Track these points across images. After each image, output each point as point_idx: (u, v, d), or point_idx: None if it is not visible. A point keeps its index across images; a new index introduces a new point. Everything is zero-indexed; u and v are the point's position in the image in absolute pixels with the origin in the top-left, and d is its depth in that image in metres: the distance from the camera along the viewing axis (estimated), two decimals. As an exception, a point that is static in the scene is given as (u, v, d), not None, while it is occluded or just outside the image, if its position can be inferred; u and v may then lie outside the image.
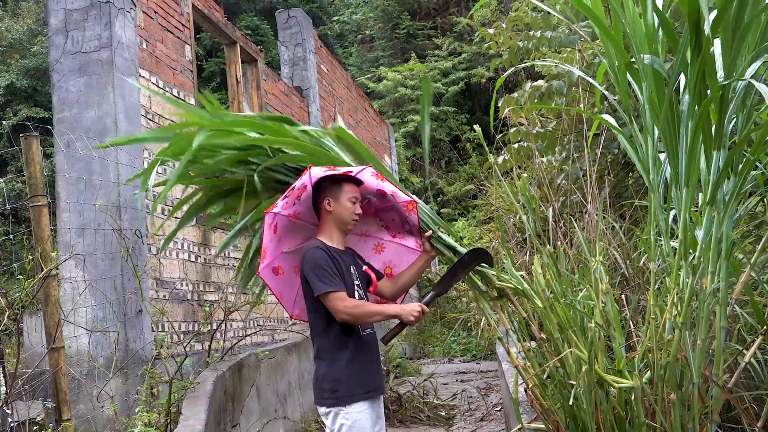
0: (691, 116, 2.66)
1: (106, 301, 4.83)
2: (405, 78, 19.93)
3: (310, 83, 9.59)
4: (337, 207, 3.08)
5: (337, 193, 3.09)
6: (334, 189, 3.10)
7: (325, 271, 2.92)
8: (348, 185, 3.11)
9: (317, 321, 3.01)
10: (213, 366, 5.16)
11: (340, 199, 3.08)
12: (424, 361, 11.99)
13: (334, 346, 2.96)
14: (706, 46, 2.42)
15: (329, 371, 2.94)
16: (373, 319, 2.95)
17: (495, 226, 9.68)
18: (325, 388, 2.94)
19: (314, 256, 2.97)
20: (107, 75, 5.11)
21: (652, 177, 2.89)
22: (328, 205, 3.09)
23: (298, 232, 3.23)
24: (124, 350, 4.83)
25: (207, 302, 5.91)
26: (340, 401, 2.91)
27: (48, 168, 10.15)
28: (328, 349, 2.97)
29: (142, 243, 5.11)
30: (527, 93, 6.03)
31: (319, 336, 3.01)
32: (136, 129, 5.25)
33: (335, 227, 3.11)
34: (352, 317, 2.89)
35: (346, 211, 3.09)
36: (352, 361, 2.95)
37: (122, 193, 4.99)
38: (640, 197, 4.85)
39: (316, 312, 3.00)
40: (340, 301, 2.89)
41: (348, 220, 3.10)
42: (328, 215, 3.11)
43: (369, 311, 2.92)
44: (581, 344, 2.80)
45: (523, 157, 6.49)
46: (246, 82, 7.76)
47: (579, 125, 5.64)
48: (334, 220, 3.10)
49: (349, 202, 3.09)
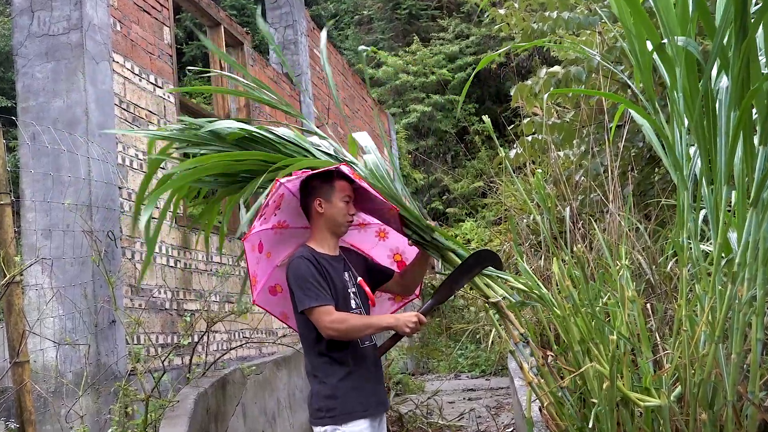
0: (732, 107, 2.65)
1: (75, 310, 4.82)
2: (407, 64, 19.93)
3: (302, 69, 9.59)
4: (329, 208, 3.06)
5: (328, 193, 3.07)
6: (324, 188, 3.07)
7: (310, 284, 2.90)
8: (340, 182, 3.08)
9: (308, 335, 3.00)
10: (194, 382, 5.16)
11: (332, 199, 3.06)
12: (428, 377, 12.00)
13: (327, 361, 2.96)
14: (753, 29, 2.42)
15: (323, 388, 2.94)
16: (363, 333, 2.94)
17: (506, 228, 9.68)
18: (320, 407, 2.93)
19: (298, 268, 2.95)
20: (77, 60, 5.11)
21: (681, 173, 2.89)
22: (319, 206, 3.07)
23: (288, 240, 3.21)
24: (95, 365, 4.83)
25: (187, 312, 5.91)
26: (336, 419, 2.90)
27: (11, 163, 10.15)
28: (321, 364, 2.96)
29: (116, 246, 5.10)
30: (542, 80, 6.03)
31: (311, 350, 3.00)
32: (109, 120, 5.25)
33: (327, 231, 3.09)
34: (340, 333, 2.88)
35: (339, 212, 3.07)
36: (349, 377, 2.95)
37: (94, 190, 4.98)
38: (668, 195, 4.85)
39: (306, 325, 2.99)
40: (326, 316, 2.86)
41: (341, 222, 3.09)
42: (320, 218, 3.09)
43: (357, 325, 2.90)
44: (603, 358, 2.80)
45: (537, 151, 6.49)
46: (231, 68, 7.75)
47: (599, 116, 5.64)
48: (326, 223, 3.09)
49: (341, 201, 3.07)
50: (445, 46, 20.56)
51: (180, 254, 5.98)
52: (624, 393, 2.71)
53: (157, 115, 5.91)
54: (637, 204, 5.21)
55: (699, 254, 2.88)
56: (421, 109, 18.93)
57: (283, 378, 6.72)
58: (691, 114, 2.69)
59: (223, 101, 7.47)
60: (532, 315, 5.66)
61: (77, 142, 4.96)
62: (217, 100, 7.50)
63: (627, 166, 5.41)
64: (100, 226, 4.97)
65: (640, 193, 5.63)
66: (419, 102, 19.39)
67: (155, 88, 5.96)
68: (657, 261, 4.12)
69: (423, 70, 19.84)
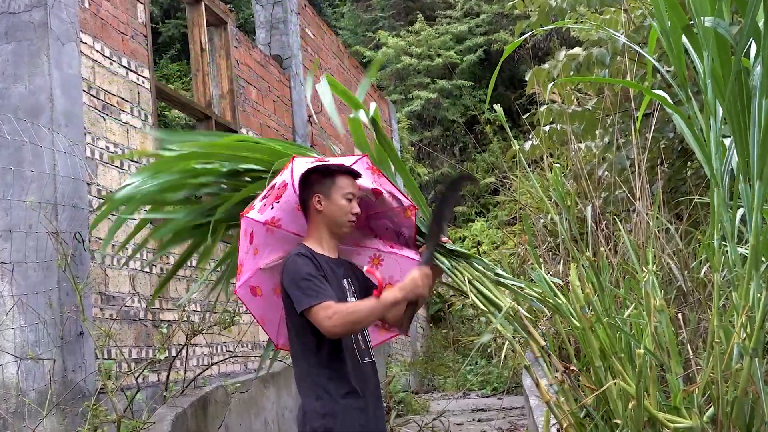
0: (765, 93, 2.66)
1: (39, 321, 4.83)
2: (410, 45, 19.94)
3: (292, 51, 9.59)
4: (328, 206, 3.06)
5: (328, 189, 3.07)
6: (325, 183, 3.07)
7: (310, 282, 2.90)
8: (343, 178, 3.08)
9: (304, 345, 3.00)
10: (171, 401, 5.17)
11: (332, 196, 3.06)
12: (434, 396, 12.01)
13: (327, 375, 2.95)
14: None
15: (320, 405, 2.93)
16: (372, 318, 2.92)
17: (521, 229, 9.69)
18: (315, 426, 2.93)
19: (296, 265, 2.96)
20: (41, 41, 5.12)
21: (716, 167, 2.90)
22: (318, 203, 3.07)
23: (277, 244, 3.20)
24: (61, 382, 4.83)
25: (164, 323, 5.92)
26: None
27: (-33, 156, 10.15)
28: (320, 378, 2.96)
29: (84, 249, 5.11)
30: (561, 63, 6.03)
31: (309, 361, 2.99)
32: (77, 107, 5.26)
33: (326, 230, 3.10)
34: (345, 325, 2.84)
35: (339, 210, 3.06)
36: (349, 395, 2.95)
37: (60, 187, 4.99)
38: (701, 192, 4.86)
39: (302, 334, 2.99)
40: (327, 311, 2.84)
41: (342, 222, 3.08)
42: (318, 216, 3.09)
43: (362, 310, 2.87)
44: (628, 374, 2.81)
45: (555, 143, 6.49)
46: (213, 49, 7.76)
47: (625, 103, 5.65)
48: (324, 222, 3.09)
49: (343, 199, 3.07)
50: (453, 25, 20.56)
51: (156, 258, 5.98)
52: (651, 413, 2.72)
53: (130, 103, 5.92)
54: (667, 202, 5.21)
55: (736, 258, 2.89)
56: (425, 96, 18.94)
57: (271, 397, 6.73)
58: (723, 102, 2.70)
59: (203, 87, 7.48)
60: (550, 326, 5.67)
61: (41, 133, 4.97)
62: (198, 87, 7.51)
63: (656, 159, 5.42)
64: (66, 227, 4.98)
65: (671, 189, 5.63)
66: (423, 88, 19.40)
67: (128, 72, 5.97)
68: (689, 266, 4.12)
69: (428, 52, 19.84)
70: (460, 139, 19.82)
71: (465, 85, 19.38)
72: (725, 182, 2.90)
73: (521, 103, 15.08)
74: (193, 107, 7.12)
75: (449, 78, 19.28)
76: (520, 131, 14.94)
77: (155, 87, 6.37)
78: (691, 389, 2.84)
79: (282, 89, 9.21)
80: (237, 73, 7.92)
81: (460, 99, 19.60)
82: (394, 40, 19.98)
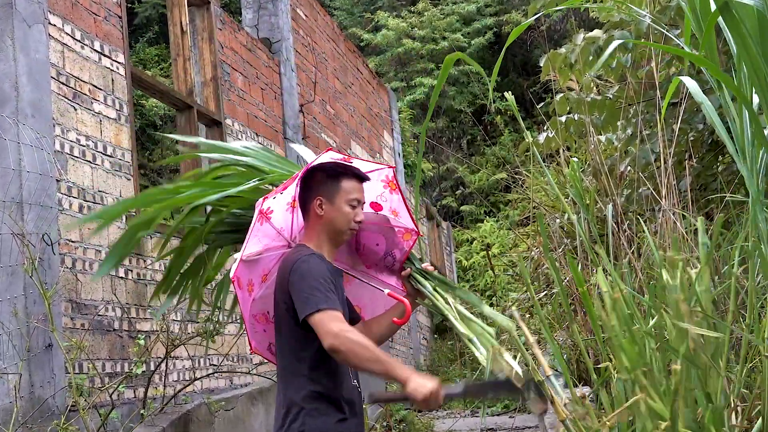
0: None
1: (3, 331, 4.83)
2: (412, 27, 19.94)
3: (282, 34, 9.59)
4: (330, 211, 3.10)
5: (332, 192, 3.10)
6: (328, 186, 3.10)
7: (321, 283, 2.92)
8: (349, 182, 3.12)
9: (300, 356, 3.00)
10: (150, 420, 5.17)
11: (335, 201, 3.09)
12: (438, 415, 12.00)
13: (320, 394, 2.98)
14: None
15: (312, 423, 2.95)
16: (367, 366, 2.88)
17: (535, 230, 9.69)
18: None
19: (308, 264, 2.98)
20: (4, 22, 5.11)
21: (750, 162, 2.90)
22: (319, 206, 3.10)
23: (260, 236, 3.25)
24: (27, 399, 4.83)
25: (142, 333, 5.92)
26: None
27: (-77, 150, 10.15)
28: (309, 397, 2.97)
29: (53, 252, 5.11)
30: (579, 47, 6.03)
31: (298, 378, 3.01)
32: (45, 96, 5.26)
33: (325, 236, 3.12)
34: (344, 347, 2.83)
35: (342, 217, 3.10)
36: (343, 423, 2.97)
37: (26, 184, 4.99)
38: (733, 190, 4.86)
39: (298, 348, 3.00)
40: (337, 322, 2.85)
41: (343, 229, 3.12)
42: (317, 220, 3.12)
43: (369, 349, 2.85)
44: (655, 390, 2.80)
45: (573, 135, 6.49)
46: (194, 32, 7.76)
47: (650, 91, 5.64)
48: (324, 228, 3.12)
49: (347, 205, 3.10)
50: (460, 4, 20.57)
51: (132, 262, 5.99)
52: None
53: (103, 91, 5.92)
54: (696, 200, 5.22)
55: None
56: (429, 83, 18.95)
57: (260, 415, 6.73)
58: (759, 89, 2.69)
59: (184, 74, 7.48)
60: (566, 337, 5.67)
61: (5, 125, 4.97)
62: (178, 73, 7.51)
63: (683, 153, 5.42)
64: (33, 228, 4.98)
65: (700, 186, 5.63)
66: (427, 74, 19.41)
67: (101, 57, 5.97)
68: (720, 270, 4.12)
69: (432, 34, 19.85)
70: (467, 130, 19.84)
71: (473, 72, 19.37)
72: (762, 178, 2.90)
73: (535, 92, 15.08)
74: (173, 96, 7.12)
75: (456, 64, 19.27)
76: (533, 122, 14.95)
77: (131, 73, 6.36)
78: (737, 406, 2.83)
79: (271, 76, 9.21)
80: (221, 58, 7.92)
81: (467, 87, 19.60)
82: (394, 21, 19.99)
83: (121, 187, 5.94)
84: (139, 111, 12.23)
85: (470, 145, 20.12)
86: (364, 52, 19.88)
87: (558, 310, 6.08)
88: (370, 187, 3.23)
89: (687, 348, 2.89)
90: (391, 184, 3.29)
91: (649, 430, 2.81)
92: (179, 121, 7.33)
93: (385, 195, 3.30)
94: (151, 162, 13.52)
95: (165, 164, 12.35)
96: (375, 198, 3.30)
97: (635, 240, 4.76)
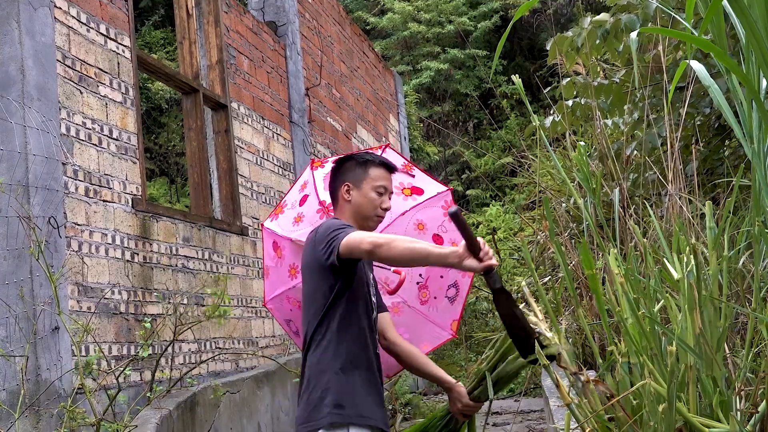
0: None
1: (10, 314, 4.84)
2: (418, 10, 19.87)
3: (288, 17, 9.57)
4: (357, 196, 3.18)
5: (359, 179, 3.18)
6: (356, 172, 3.20)
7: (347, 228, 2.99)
8: (376, 170, 3.20)
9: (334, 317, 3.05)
10: (156, 403, 5.18)
11: (362, 187, 3.18)
12: (443, 398, 12.02)
13: (346, 358, 3.04)
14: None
15: (336, 385, 3.00)
16: (415, 254, 2.81)
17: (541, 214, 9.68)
18: (325, 403, 3.00)
19: (335, 220, 3.11)
20: (10, 5, 5.11)
21: (757, 146, 2.89)
22: (346, 192, 3.19)
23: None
24: (34, 381, 4.85)
25: (148, 317, 5.94)
26: (350, 418, 2.98)
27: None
28: (335, 358, 3.03)
29: (59, 235, 5.12)
30: (586, 31, 6.00)
31: (325, 341, 3.06)
32: (50, 79, 5.25)
33: (353, 222, 3.19)
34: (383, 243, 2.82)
35: (368, 203, 3.17)
36: (366, 383, 3.04)
37: (32, 167, 5.00)
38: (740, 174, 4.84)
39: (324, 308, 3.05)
40: (362, 234, 2.92)
41: (370, 215, 3.19)
42: (345, 206, 3.21)
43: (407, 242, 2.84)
44: (659, 373, 2.81)
45: (579, 119, 6.47)
46: (200, 15, 7.74)
47: (656, 75, 5.62)
48: (351, 213, 3.20)
49: (374, 191, 3.17)
50: (466, -13, 20.47)
51: (138, 245, 6.00)
52: (685, 416, 2.72)
53: (108, 74, 5.91)
54: (702, 184, 5.20)
55: (779, 246, 2.88)
56: (435, 67, 18.88)
57: (265, 398, 6.75)
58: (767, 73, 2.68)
59: (190, 57, 7.47)
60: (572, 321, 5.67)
61: (11, 108, 4.97)
62: (184, 56, 7.50)
63: (690, 137, 5.40)
64: (39, 211, 4.99)
65: (707, 170, 5.62)
66: (433, 58, 19.34)
67: (107, 41, 5.96)
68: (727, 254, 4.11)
69: (438, 18, 19.77)
70: (473, 114, 19.78)
71: (479, 55, 19.32)
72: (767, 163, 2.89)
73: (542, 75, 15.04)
74: (178, 79, 7.11)
75: (462, 47, 19.21)
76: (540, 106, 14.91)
77: (137, 57, 6.36)
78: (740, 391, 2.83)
79: (277, 59, 9.19)
80: (227, 42, 7.90)
81: (473, 70, 19.53)
82: (400, 4, 19.90)
83: (127, 171, 5.94)
84: (144, 94, 12.23)
85: (476, 129, 20.08)
86: (370, 35, 19.81)
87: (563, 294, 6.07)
88: (430, 216, 3.39)
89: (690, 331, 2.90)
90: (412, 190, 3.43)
91: (656, 411, 2.82)
92: (185, 104, 7.33)
93: (445, 225, 3.39)
94: (157, 146, 13.53)
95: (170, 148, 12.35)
96: (436, 229, 3.40)
97: (642, 224, 4.75)
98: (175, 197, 13.92)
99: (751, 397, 2.82)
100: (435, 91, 19.44)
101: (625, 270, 3.10)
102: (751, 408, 2.82)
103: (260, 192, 8.27)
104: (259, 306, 7.74)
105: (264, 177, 8.42)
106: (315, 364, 3.08)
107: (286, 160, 9.09)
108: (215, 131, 7.67)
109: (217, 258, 7.11)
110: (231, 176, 7.60)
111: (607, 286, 3.24)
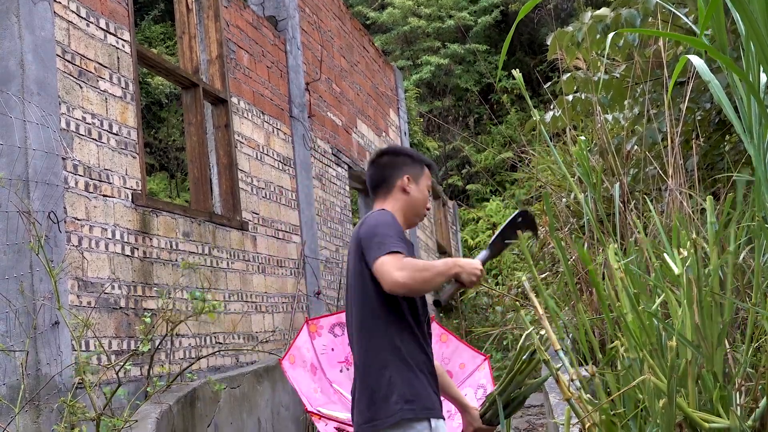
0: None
1: (9, 309, 4.85)
2: (418, 5, 19.85)
3: (288, 12, 9.56)
4: (416, 191, 3.27)
5: (418, 174, 3.29)
6: (415, 168, 3.30)
7: (396, 232, 3.01)
8: (427, 170, 3.34)
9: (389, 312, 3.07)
10: (155, 398, 5.19)
11: (420, 182, 3.28)
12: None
13: (409, 351, 3.07)
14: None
15: (403, 380, 3.03)
16: (435, 281, 2.96)
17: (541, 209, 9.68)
18: (392, 400, 3.01)
19: (384, 217, 3.09)
20: (10, 0, 5.10)
21: (757, 141, 2.89)
22: (408, 182, 3.25)
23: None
24: (34, 376, 4.86)
25: (148, 311, 5.94)
26: (427, 412, 3.02)
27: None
28: (411, 349, 3.07)
29: (59, 230, 5.12)
30: (586, 26, 6.00)
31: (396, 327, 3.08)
32: (50, 74, 5.25)
33: (402, 216, 3.25)
34: (414, 280, 2.89)
35: (423, 198, 3.28)
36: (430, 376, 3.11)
37: (32, 161, 4.99)
38: (740, 169, 4.85)
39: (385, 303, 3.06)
40: (399, 260, 2.91)
41: (420, 211, 3.30)
42: (402, 197, 3.26)
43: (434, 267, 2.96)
44: (659, 369, 2.81)
45: (579, 114, 6.47)
46: (200, 9, 7.74)
47: (657, 70, 5.62)
48: (406, 206, 3.26)
49: (427, 189, 3.31)
50: (466, -17, 20.45)
51: (138, 240, 6.00)
52: (685, 411, 2.72)
53: (108, 69, 5.91)
54: (702, 179, 5.20)
55: (779, 241, 2.88)
56: (435, 62, 18.88)
57: (265, 393, 6.76)
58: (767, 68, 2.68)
59: (190, 52, 7.46)
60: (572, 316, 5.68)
61: (10, 102, 4.96)
62: (183, 51, 7.50)
63: (691, 132, 5.40)
64: (39, 206, 4.99)
65: (707, 165, 5.62)
66: (433, 53, 19.34)
67: (106, 35, 5.96)
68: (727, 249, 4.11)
69: (438, 12, 19.76)
70: (474, 109, 19.78)
71: (480, 50, 19.31)
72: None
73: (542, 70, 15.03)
74: (178, 74, 7.10)
75: (462, 42, 19.20)
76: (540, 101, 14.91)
77: (136, 51, 6.35)
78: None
79: (277, 54, 9.18)
80: (227, 36, 7.89)
81: (474, 65, 19.53)
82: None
83: (126, 165, 5.94)
84: (144, 89, 12.22)
85: (477, 124, 20.08)
86: (370, 30, 19.81)
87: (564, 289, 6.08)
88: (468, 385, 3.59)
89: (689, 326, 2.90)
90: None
91: (656, 407, 2.82)
92: (185, 99, 7.32)
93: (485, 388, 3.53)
94: (157, 141, 13.53)
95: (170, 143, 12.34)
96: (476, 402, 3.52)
97: (642, 219, 4.75)
98: (175, 192, 13.93)
99: (751, 392, 2.82)
100: (435, 86, 19.44)
101: (625, 265, 3.10)
102: (751, 403, 2.82)
103: (260, 187, 8.27)
104: (259, 301, 7.75)
105: (264, 172, 8.42)
106: (388, 350, 3.10)
107: (286, 155, 9.09)
108: (215, 126, 7.67)
109: (218, 253, 7.11)
110: (231, 171, 7.60)
111: (607, 282, 3.25)
